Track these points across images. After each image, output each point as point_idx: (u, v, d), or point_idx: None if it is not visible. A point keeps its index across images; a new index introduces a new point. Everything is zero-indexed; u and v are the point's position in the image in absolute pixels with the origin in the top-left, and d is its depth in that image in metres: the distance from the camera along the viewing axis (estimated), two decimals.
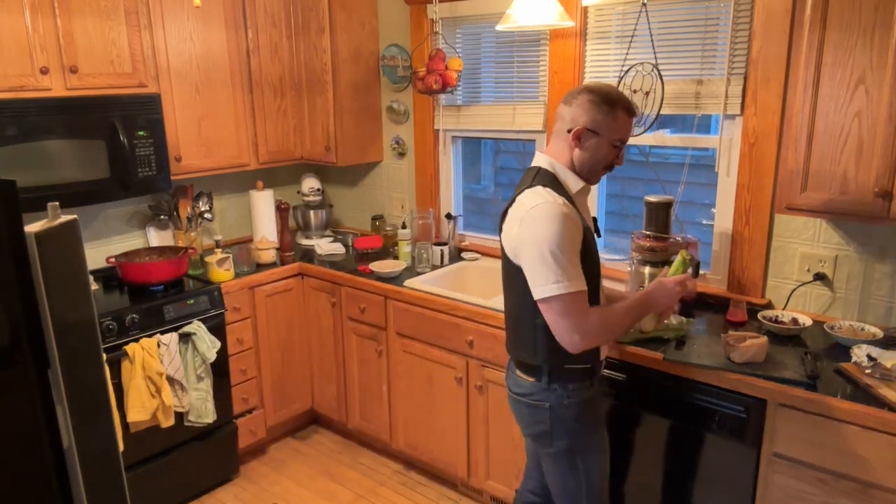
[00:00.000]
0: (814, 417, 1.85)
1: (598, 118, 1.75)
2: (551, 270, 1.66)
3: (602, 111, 1.74)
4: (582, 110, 1.76)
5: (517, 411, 1.96)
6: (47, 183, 2.52)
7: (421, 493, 3.00)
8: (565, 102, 1.81)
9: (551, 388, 1.84)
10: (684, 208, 2.70)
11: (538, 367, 1.85)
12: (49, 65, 2.53)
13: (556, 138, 1.83)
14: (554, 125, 1.85)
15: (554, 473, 1.95)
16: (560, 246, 1.66)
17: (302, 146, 3.53)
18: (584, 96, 1.76)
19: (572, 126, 1.77)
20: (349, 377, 3.23)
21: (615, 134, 1.77)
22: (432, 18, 3.18)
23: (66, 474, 1.40)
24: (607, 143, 1.77)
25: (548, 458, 1.94)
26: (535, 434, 1.92)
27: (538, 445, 1.95)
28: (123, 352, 2.54)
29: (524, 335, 1.85)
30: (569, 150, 1.80)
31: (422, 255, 3.11)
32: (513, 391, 1.95)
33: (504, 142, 3.33)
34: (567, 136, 1.78)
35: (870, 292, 2.28)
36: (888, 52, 1.85)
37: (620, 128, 1.77)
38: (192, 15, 2.96)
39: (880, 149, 1.90)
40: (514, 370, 1.95)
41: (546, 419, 1.87)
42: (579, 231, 1.73)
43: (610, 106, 1.75)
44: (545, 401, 1.85)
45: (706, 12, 2.45)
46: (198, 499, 2.98)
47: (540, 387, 1.86)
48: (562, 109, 1.81)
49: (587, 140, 1.77)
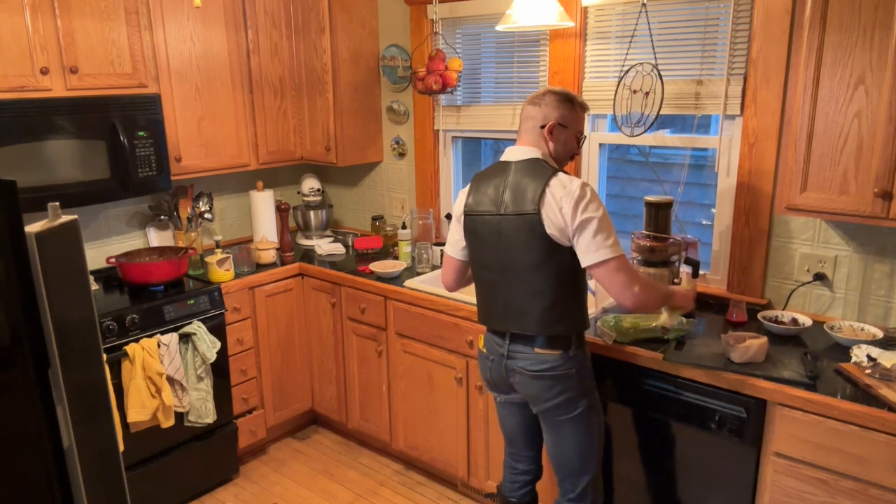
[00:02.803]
0: (814, 417, 1.85)
1: (565, 114, 2.00)
2: (606, 236, 1.87)
3: (566, 108, 2.00)
4: (551, 108, 1.99)
5: (538, 388, 2.02)
6: (47, 183, 2.52)
7: (421, 493, 3.00)
8: (533, 104, 2.03)
9: (577, 354, 2.01)
10: (684, 208, 2.70)
11: (567, 338, 1.99)
12: (49, 65, 2.53)
13: (529, 134, 2.04)
14: (523, 123, 2.06)
15: (571, 437, 2.05)
16: (606, 217, 1.90)
17: (302, 146, 3.53)
18: (551, 97, 2.00)
19: (544, 122, 1.99)
20: (349, 377, 3.23)
21: (578, 126, 2.04)
22: (432, 19, 3.18)
23: (66, 474, 1.40)
24: (573, 135, 2.04)
25: (567, 423, 2.04)
26: (559, 403, 2.01)
27: (554, 415, 2.03)
28: (123, 352, 2.54)
29: (561, 310, 1.97)
30: (544, 143, 2.02)
31: (422, 255, 3.11)
32: (531, 370, 2.00)
33: (504, 142, 3.33)
34: (541, 131, 2.00)
35: (870, 292, 2.28)
36: (888, 52, 1.85)
37: (580, 121, 2.06)
38: (192, 15, 2.96)
39: (880, 149, 1.90)
40: (531, 350, 2.01)
41: (573, 385, 2.00)
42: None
43: (571, 103, 2.02)
44: (572, 367, 2.00)
45: (706, 12, 2.45)
46: (198, 499, 2.98)
47: (567, 356, 1.99)
48: (531, 110, 2.03)
49: (559, 134, 2.00)
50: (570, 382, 2.00)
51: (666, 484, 2.21)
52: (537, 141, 2.02)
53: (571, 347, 1.99)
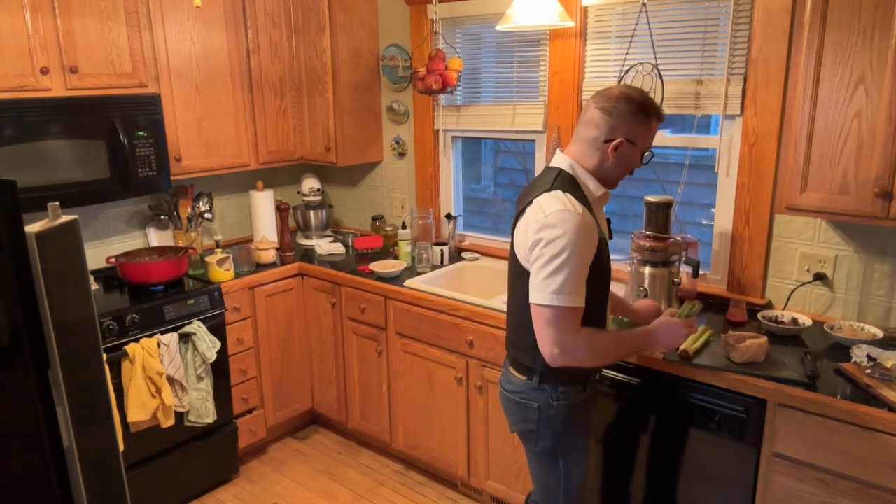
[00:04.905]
0: (814, 417, 1.85)
1: (636, 128, 1.72)
2: (553, 280, 1.65)
3: (639, 121, 1.72)
4: (622, 121, 1.72)
5: (506, 408, 1.99)
6: (47, 183, 2.52)
7: (421, 493, 3.00)
8: (603, 110, 1.73)
9: (541, 388, 1.85)
10: (684, 208, 2.70)
11: (531, 368, 1.86)
12: (49, 65, 2.53)
13: (586, 145, 1.77)
14: (583, 128, 1.78)
15: (535, 470, 2.00)
16: (570, 257, 1.64)
17: (302, 146, 3.53)
18: (624, 105, 1.71)
19: (611, 137, 1.72)
20: (349, 377, 3.23)
21: (648, 143, 1.77)
22: (432, 18, 3.18)
23: (66, 474, 1.40)
24: (639, 152, 1.77)
25: (531, 455, 1.98)
26: (522, 431, 1.96)
27: (523, 442, 1.98)
28: (123, 352, 2.54)
29: (524, 337, 1.84)
30: (599, 158, 1.76)
31: (422, 255, 3.11)
32: (504, 388, 1.97)
33: (504, 142, 3.33)
34: (604, 146, 1.74)
35: (870, 292, 2.28)
36: (888, 53, 1.85)
37: (652, 136, 1.77)
38: (192, 15, 2.96)
39: (880, 149, 1.90)
40: (508, 367, 1.97)
41: (533, 419, 1.88)
42: (593, 243, 1.71)
43: (646, 115, 1.72)
44: (534, 400, 1.87)
45: (706, 12, 2.45)
46: (198, 499, 2.98)
47: (530, 386, 1.87)
48: (597, 116, 1.74)
49: (624, 150, 1.74)
50: (531, 415, 1.87)
51: (666, 484, 2.21)
52: (589, 153, 1.76)
53: (534, 378, 1.85)
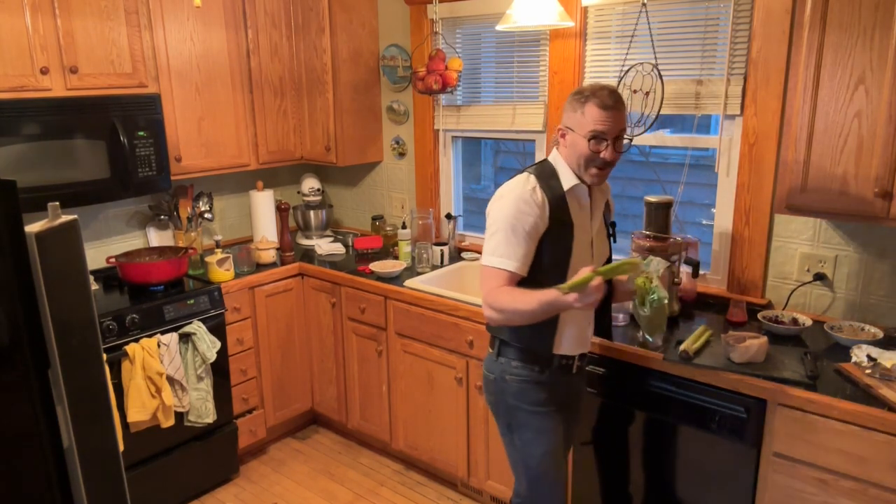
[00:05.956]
0: (814, 417, 1.85)
1: (571, 115, 1.85)
2: (488, 243, 1.85)
3: (572, 108, 1.84)
4: (565, 112, 1.89)
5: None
6: (47, 183, 2.52)
7: (421, 493, 3.00)
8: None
9: (498, 360, 1.97)
10: (684, 208, 2.70)
11: (493, 339, 2.00)
12: (49, 65, 2.53)
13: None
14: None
15: (503, 442, 2.08)
16: (507, 225, 1.80)
17: (302, 146, 3.53)
18: (568, 98, 1.88)
19: (560, 126, 1.90)
20: (349, 377, 3.23)
21: (585, 128, 1.80)
22: (432, 18, 3.18)
23: (66, 474, 1.40)
24: (581, 138, 1.82)
25: (498, 427, 2.07)
26: (489, 404, 2.06)
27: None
28: (123, 352, 2.54)
29: None
30: (563, 151, 1.91)
31: (422, 255, 3.11)
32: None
33: (504, 142, 3.33)
34: (560, 139, 1.91)
35: (870, 292, 2.28)
36: (888, 53, 1.85)
37: (589, 121, 1.79)
38: (192, 15, 2.96)
39: (880, 149, 1.90)
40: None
41: (492, 390, 2.01)
42: (531, 215, 1.81)
43: (579, 102, 1.82)
44: (492, 372, 2.00)
45: (706, 12, 2.45)
46: (198, 499, 2.98)
47: (492, 358, 2.00)
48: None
49: (568, 138, 1.87)
50: (490, 386, 2.01)
51: (666, 484, 2.21)
52: (560, 147, 1.91)
53: (495, 348, 1.98)
